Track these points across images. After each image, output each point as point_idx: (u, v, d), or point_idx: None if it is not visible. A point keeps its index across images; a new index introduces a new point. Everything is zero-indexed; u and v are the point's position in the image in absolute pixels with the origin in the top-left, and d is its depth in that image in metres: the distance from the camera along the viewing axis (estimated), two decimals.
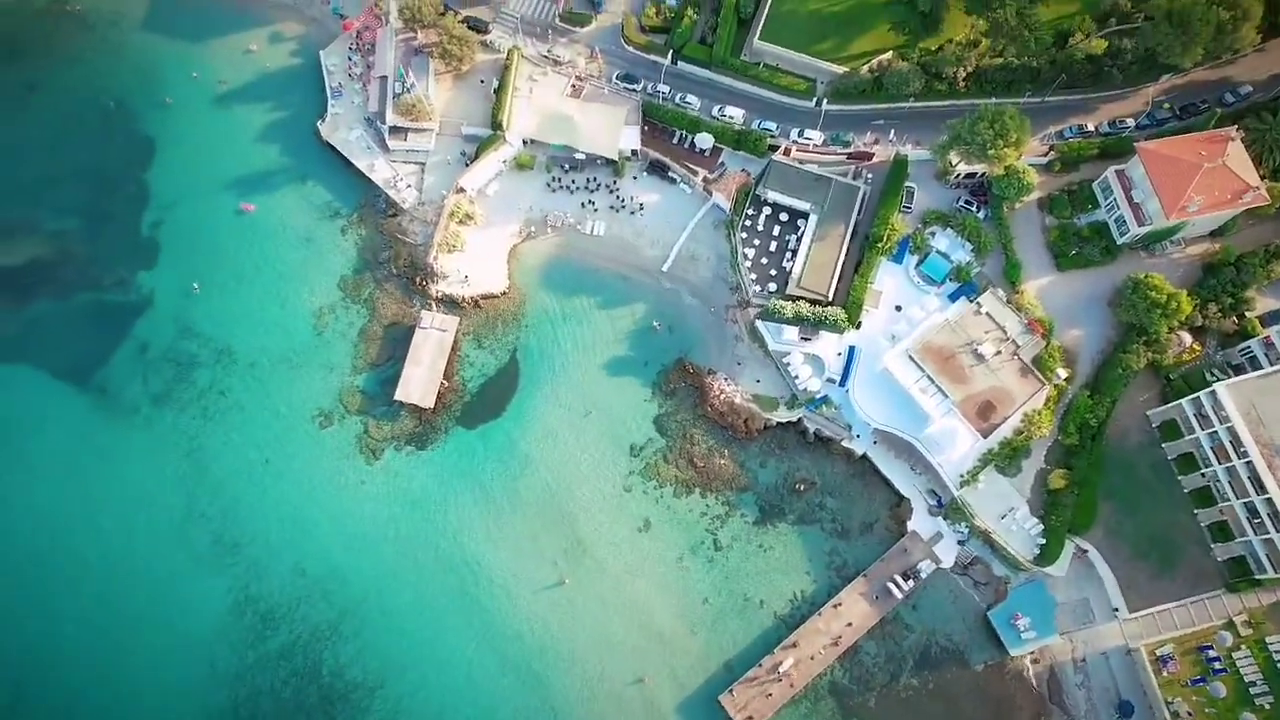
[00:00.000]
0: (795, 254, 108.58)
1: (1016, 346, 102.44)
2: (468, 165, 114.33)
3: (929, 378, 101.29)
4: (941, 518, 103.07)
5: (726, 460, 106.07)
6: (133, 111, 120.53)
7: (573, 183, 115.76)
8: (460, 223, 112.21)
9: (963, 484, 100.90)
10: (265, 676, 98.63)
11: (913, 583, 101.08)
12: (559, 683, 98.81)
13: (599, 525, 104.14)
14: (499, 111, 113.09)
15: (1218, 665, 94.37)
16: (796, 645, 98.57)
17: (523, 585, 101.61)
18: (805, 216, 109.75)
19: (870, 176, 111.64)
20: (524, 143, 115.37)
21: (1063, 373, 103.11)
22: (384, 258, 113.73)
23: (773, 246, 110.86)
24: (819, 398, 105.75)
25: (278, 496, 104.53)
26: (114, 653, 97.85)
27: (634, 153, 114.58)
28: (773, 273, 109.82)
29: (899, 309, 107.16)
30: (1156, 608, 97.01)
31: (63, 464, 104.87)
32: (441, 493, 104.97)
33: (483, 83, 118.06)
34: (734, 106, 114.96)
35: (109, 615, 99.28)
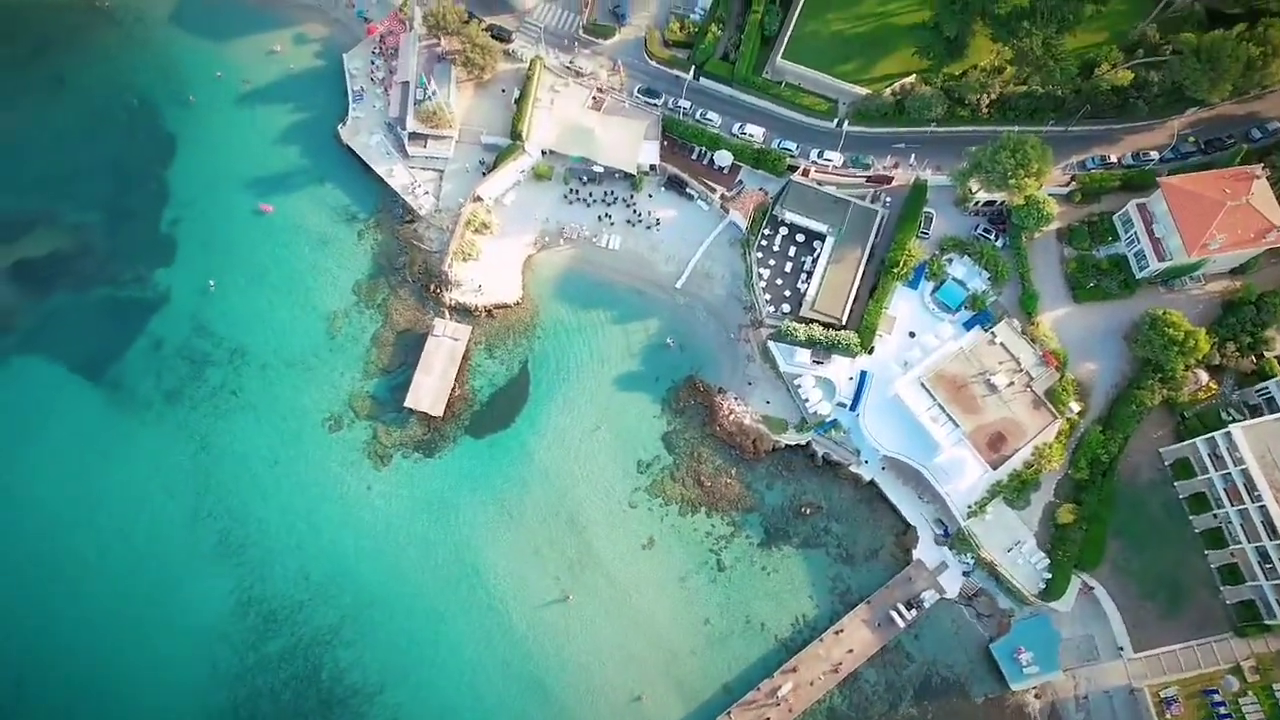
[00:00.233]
0: (810, 276, 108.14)
1: (1030, 378, 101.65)
2: (486, 174, 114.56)
3: (940, 406, 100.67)
4: (947, 547, 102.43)
5: (733, 480, 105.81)
6: (156, 108, 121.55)
7: (590, 195, 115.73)
8: (476, 231, 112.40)
9: (970, 514, 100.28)
10: (265, 678, 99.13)
11: (916, 612, 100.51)
12: (557, 697, 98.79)
13: (603, 541, 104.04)
14: (519, 121, 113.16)
15: (1223, 710, 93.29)
16: (796, 670, 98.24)
17: (525, 598, 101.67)
18: (822, 238, 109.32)
19: (889, 200, 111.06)
20: (543, 153, 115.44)
21: (1075, 406, 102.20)
22: (399, 264, 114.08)
23: (788, 267, 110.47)
24: (829, 421, 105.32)
25: (285, 498, 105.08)
26: (116, 648, 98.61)
27: (652, 167, 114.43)
28: (787, 293, 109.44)
29: (913, 335, 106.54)
30: (1162, 648, 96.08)
31: (74, 456, 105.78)
32: (447, 502, 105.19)
33: (504, 92, 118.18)
34: (754, 125, 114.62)
35: (112, 610, 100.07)
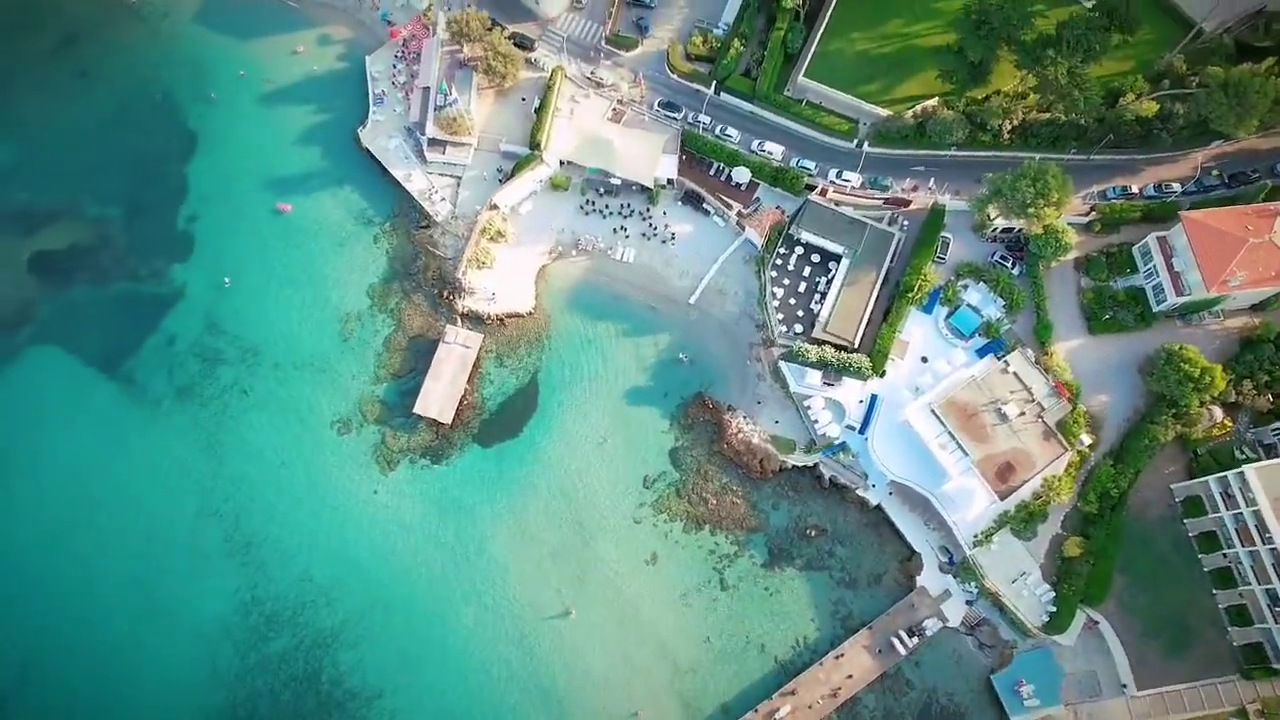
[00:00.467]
0: (824, 297, 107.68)
1: (1041, 409, 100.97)
2: (503, 182, 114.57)
3: (950, 434, 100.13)
4: (952, 576, 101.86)
5: (739, 500, 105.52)
6: (178, 104, 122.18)
7: (606, 207, 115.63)
8: (491, 239, 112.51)
9: (976, 544, 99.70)
10: (265, 679, 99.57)
11: (917, 639, 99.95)
12: (554, 710, 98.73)
13: (606, 555, 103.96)
14: (538, 131, 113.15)
15: None
16: (795, 693, 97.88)
17: (526, 609, 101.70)
18: (837, 259, 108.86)
19: (906, 223, 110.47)
20: (561, 163, 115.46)
21: (1087, 439, 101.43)
22: (414, 269, 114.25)
23: (802, 287, 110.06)
24: (837, 444, 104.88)
25: (291, 499, 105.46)
26: (118, 643, 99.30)
27: (670, 181, 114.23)
28: (800, 313, 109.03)
29: (925, 360, 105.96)
30: (1166, 688, 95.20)
31: (84, 449, 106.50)
32: (452, 509, 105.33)
33: (524, 100, 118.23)
34: (774, 142, 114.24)
35: (114, 604, 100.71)
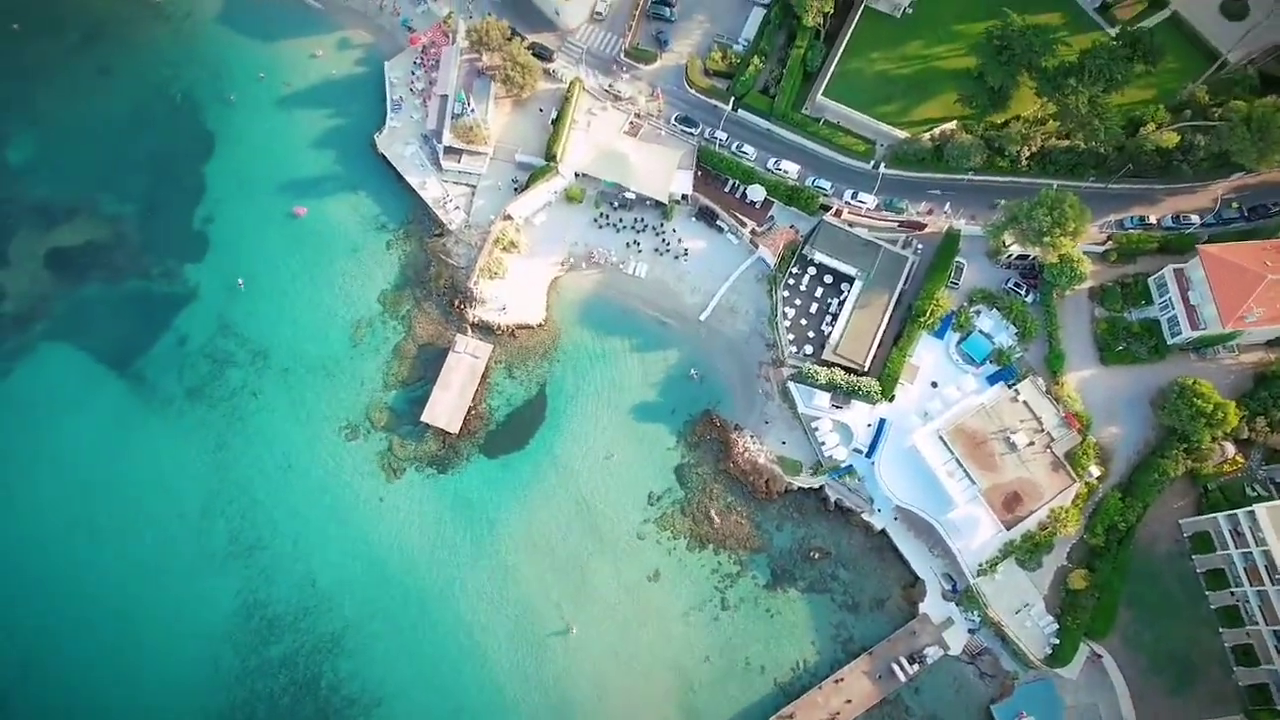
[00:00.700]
0: (836, 318, 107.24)
1: (1051, 439, 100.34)
2: (518, 192, 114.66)
3: (957, 461, 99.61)
4: (954, 604, 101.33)
5: (743, 519, 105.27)
6: (197, 104, 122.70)
7: (620, 221, 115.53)
8: (504, 250, 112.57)
9: (980, 572, 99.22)
10: (265, 682, 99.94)
11: (918, 666, 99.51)
12: None
13: (609, 570, 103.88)
14: (554, 143, 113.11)
15: None
16: (793, 716, 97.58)
17: (527, 623, 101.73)
18: (850, 281, 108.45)
19: (920, 247, 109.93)
20: (576, 176, 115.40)
21: (1095, 470, 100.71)
22: (426, 276, 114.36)
23: (813, 308, 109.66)
24: (844, 467, 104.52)
25: (297, 504, 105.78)
26: (119, 643, 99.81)
27: (685, 197, 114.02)
28: (811, 334, 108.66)
29: (934, 385, 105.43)
30: None
31: (92, 446, 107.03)
32: (456, 519, 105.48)
33: (541, 111, 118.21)
34: (790, 161, 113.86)
35: (117, 604, 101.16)
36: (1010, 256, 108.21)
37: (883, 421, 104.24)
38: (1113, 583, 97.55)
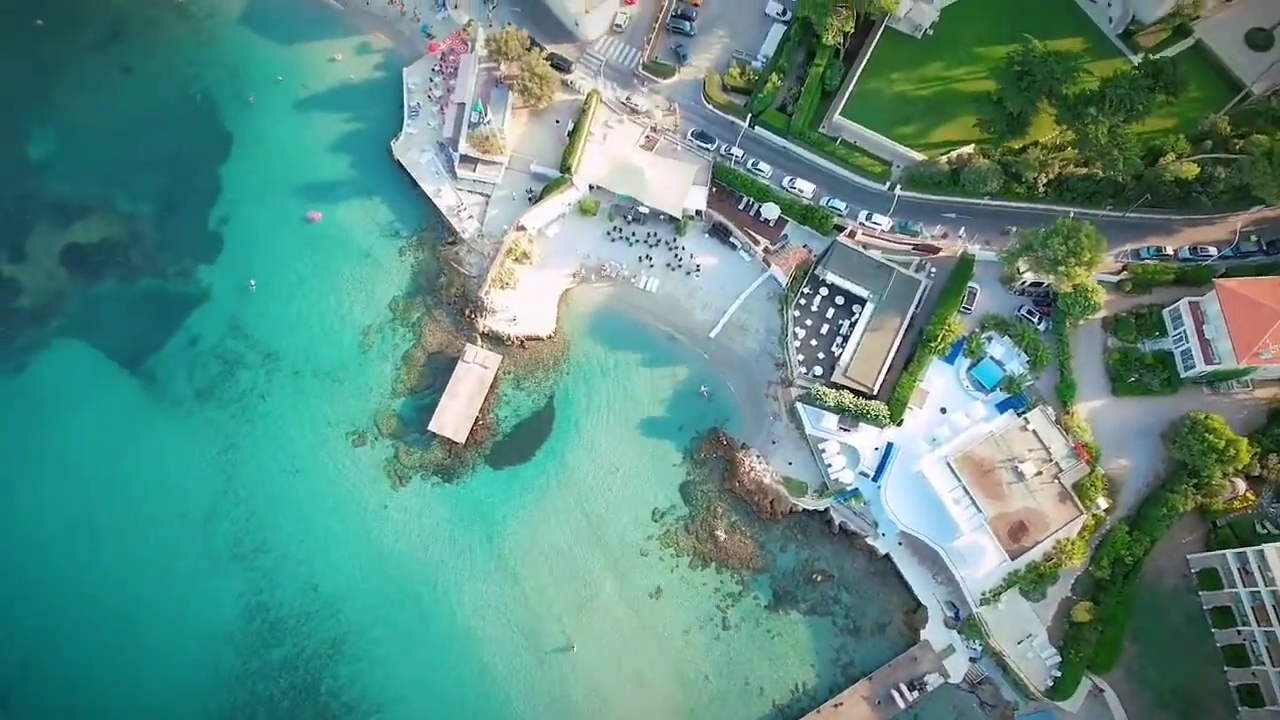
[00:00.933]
0: (846, 340, 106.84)
1: (1059, 469, 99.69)
2: (532, 203, 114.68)
3: (964, 488, 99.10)
4: (956, 631, 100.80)
5: (747, 539, 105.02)
6: (217, 105, 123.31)
7: (633, 235, 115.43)
8: (517, 260, 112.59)
9: (983, 601, 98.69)
10: (265, 685, 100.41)
11: (918, 693, 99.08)
12: None
13: (611, 586, 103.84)
14: (570, 155, 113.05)
15: None
16: None
17: (527, 638, 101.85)
18: (862, 303, 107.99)
19: (934, 271, 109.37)
20: (590, 188, 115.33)
21: (1103, 502, 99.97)
22: (437, 284, 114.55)
23: (824, 329, 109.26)
24: (849, 490, 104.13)
25: (302, 508, 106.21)
26: (121, 641, 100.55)
27: (698, 213, 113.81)
28: (821, 355, 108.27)
29: (944, 411, 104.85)
30: None
31: (100, 444, 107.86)
32: (460, 529, 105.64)
33: (558, 123, 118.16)
34: (805, 180, 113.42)
35: (120, 603, 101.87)
36: (1024, 283, 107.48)
37: (890, 446, 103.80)
38: (1117, 616, 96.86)
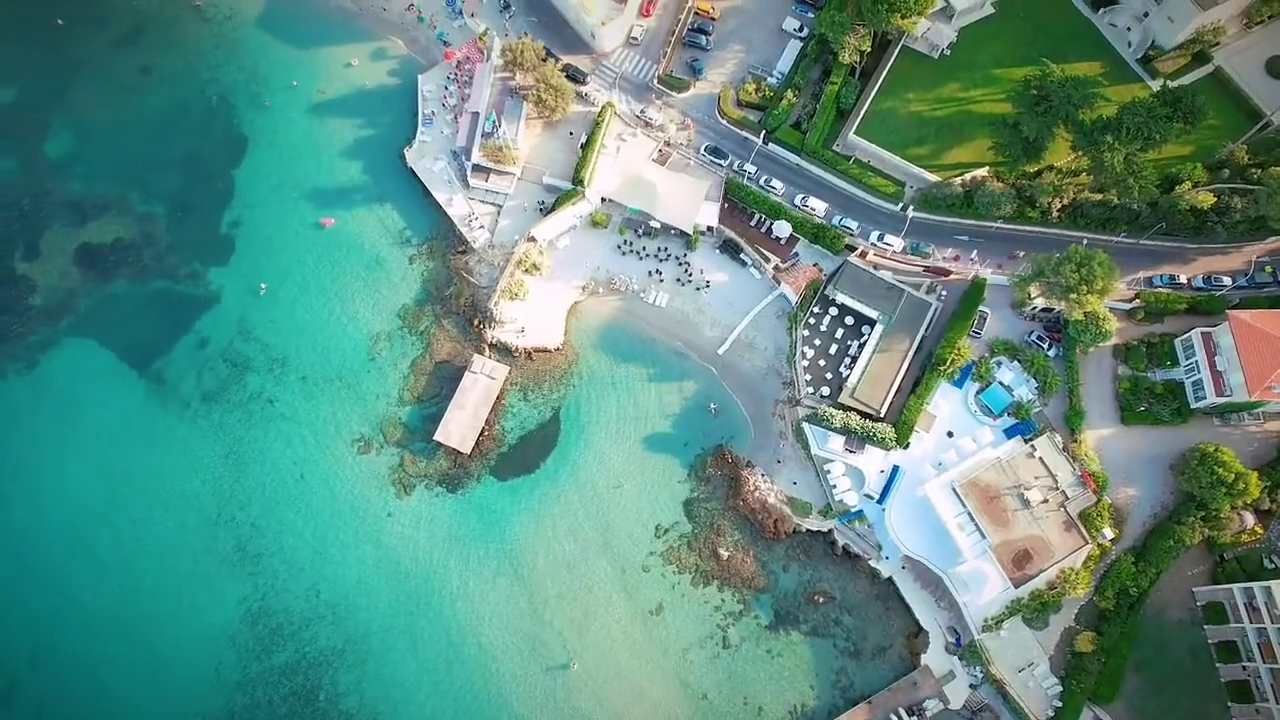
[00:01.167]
0: (855, 361, 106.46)
1: (1065, 498, 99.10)
2: (543, 215, 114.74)
3: (969, 514, 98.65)
4: (957, 657, 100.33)
5: (749, 558, 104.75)
6: (233, 108, 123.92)
7: (644, 249, 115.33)
8: (527, 271, 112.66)
9: (985, 628, 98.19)
10: (265, 690, 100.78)
11: (917, 719, 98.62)
12: None
13: (612, 601, 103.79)
14: (583, 167, 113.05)
15: None
16: None
17: (527, 652, 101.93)
18: (871, 324, 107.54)
19: (944, 293, 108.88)
20: (602, 201, 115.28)
21: (1109, 532, 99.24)
22: (447, 294, 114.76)
23: (833, 349, 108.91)
24: (854, 512, 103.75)
25: (306, 513, 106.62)
26: (123, 642, 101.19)
27: (709, 229, 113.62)
28: (828, 375, 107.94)
29: (950, 435, 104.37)
30: None
31: (107, 445, 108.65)
32: (463, 540, 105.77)
33: (571, 135, 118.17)
34: (818, 198, 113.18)
35: (123, 603, 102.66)
36: (1035, 309, 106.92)
37: (896, 469, 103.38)
38: (1121, 648, 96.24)
